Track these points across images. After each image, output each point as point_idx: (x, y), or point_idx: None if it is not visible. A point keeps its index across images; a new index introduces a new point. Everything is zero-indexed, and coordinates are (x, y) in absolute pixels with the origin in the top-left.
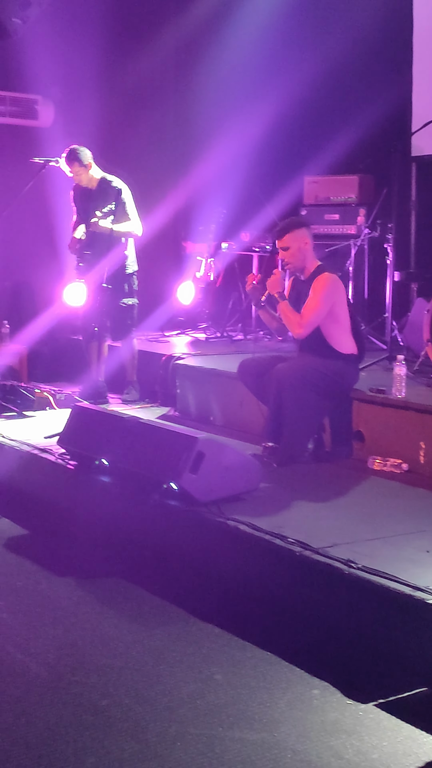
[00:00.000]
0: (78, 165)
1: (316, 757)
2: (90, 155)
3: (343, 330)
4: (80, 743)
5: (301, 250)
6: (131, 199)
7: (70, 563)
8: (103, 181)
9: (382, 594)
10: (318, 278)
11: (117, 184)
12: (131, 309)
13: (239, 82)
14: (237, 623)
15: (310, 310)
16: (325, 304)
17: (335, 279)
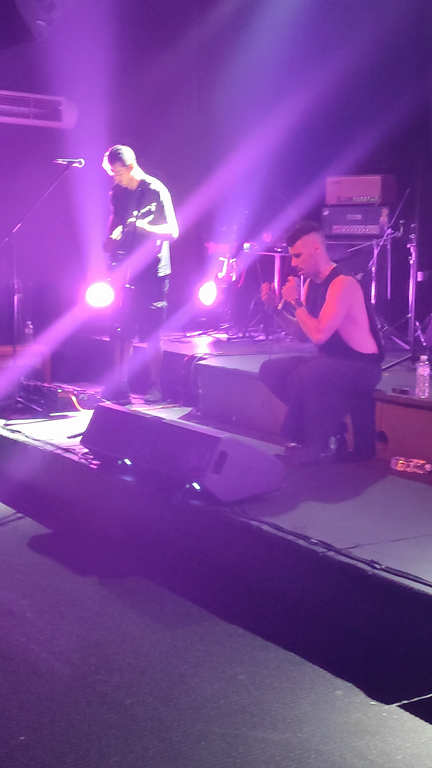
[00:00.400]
0: (120, 165)
1: (339, 757)
2: (133, 156)
3: (363, 330)
4: (104, 742)
5: (312, 256)
6: (170, 202)
7: (93, 563)
8: (143, 183)
9: (405, 595)
10: (333, 282)
11: (156, 187)
12: (160, 312)
13: (262, 83)
14: (260, 623)
15: (328, 315)
16: (342, 307)
17: (351, 281)
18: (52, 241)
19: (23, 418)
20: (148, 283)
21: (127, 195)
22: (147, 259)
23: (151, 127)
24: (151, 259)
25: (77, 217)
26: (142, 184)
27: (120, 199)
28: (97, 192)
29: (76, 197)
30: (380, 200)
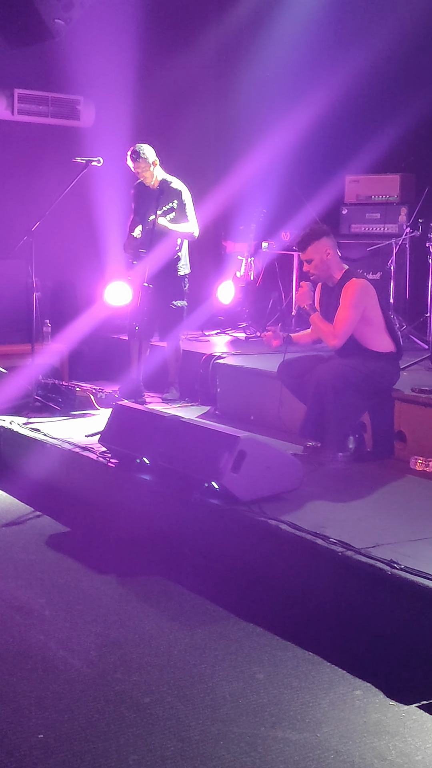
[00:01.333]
0: (144, 162)
1: (359, 758)
2: (154, 153)
3: (378, 330)
4: (123, 740)
5: (324, 261)
6: (191, 201)
7: (111, 561)
8: (164, 182)
9: (424, 595)
10: (346, 286)
11: (177, 186)
12: (181, 311)
13: (280, 82)
14: (278, 623)
15: (342, 321)
16: (356, 312)
17: (363, 283)
18: (71, 240)
19: (41, 416)
20: (168, 281)
21: (148, 194)
22: (166, 257)
23: (169, 126)
24: (171, 257)
25: (96, 215)
26: (163, 183)
27: (141, 198)
28: (115, 191)
29: (94, 196)
30: (399, 199)
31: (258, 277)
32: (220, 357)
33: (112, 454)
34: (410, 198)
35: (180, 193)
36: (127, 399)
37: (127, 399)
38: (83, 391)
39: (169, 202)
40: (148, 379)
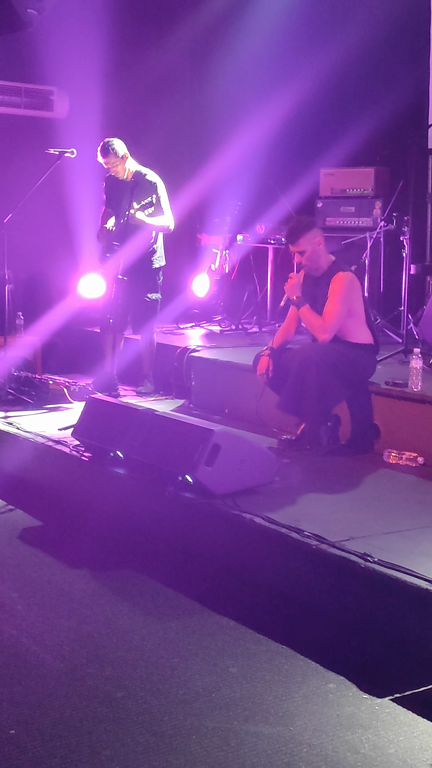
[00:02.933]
0: (114, 157)
1: (331, 751)
2: (125, 147)
3: (359, 322)
4: (95, 735)
5: (315, 252)
6: (165, 194)
7: (84, 555)
8: (138, 174)
9: (398, 588)
10: (335, 279)
11: (152, 178)
12: (155, 304)
13: (255, 74)
14: (252, 616)
15: (333, 315)
16: (346, 305)
17: (351, 277)
18: (44, 232)
19: (14, 409)
20: (143, 274)
21: (121, 186)
22: (141, 250)
23: (144, 118)
24: (146, 250)
25: (69, 207)
26: (137, 175)
27: (114, 190)
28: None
29: (68, 187)
30: (374, 192)
31: (233, 270)
32: (194, 350)
33: (85, 447)
34: (384, 192)
35: (156, 186)
36: (100, 392)
37: (101, 392)
38: (56, 384)
39: (147, 196)
40: (122, 372)
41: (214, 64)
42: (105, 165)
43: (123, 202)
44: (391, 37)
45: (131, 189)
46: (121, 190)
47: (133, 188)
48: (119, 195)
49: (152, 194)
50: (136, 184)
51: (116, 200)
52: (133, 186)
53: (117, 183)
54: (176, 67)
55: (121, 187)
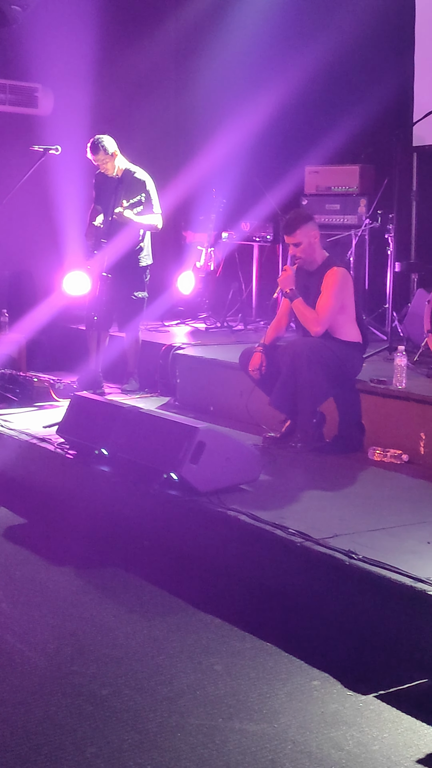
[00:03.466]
0: (103, 154)
1: (316, 748)
2: (115, 144)
3: (349, 319)
4: (80, 733)
5: (311, 245)
6: (155, 192)
7: (69, 553)
8: (127, 171)
9: (382, 585)
10: (329, 273)
11: (141, 176)
12: (141, 302)
13: (240, 71)
14: (237, 614)
15: (326, 309)
16: (338, 300)
17: (345, 272)
18: (29, 229)
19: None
20: (130, 272)
21: (110, 183)
22: (127, 247)
23: (129, 116)
24: (133, 248)
25: (54, 204)
26: (126, 172)
27: (103, 187)
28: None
29: (52, 184)
30: (358, 190)
31: (218, 267)
32: (180, 348)
33: (70, 445)
34: (369, 189)
35: (145, 184)
36: (85, 390)
37: (86, 390)
38: (41, 381)
39: (137, 194)
40: (107, 370)
41: (199, 62)
42: (94, 162)
43: (112, 199)
44: (375, 35)
45: (120, 186)
46: (110, 187)
47: (118, 185)
48: (108, 192)
49: (141, 192)
50: (124, 181)
51: (105, 197)
52: (118, 183)
53: (106, 180)
54: (161, 65)
55: (110, 185)
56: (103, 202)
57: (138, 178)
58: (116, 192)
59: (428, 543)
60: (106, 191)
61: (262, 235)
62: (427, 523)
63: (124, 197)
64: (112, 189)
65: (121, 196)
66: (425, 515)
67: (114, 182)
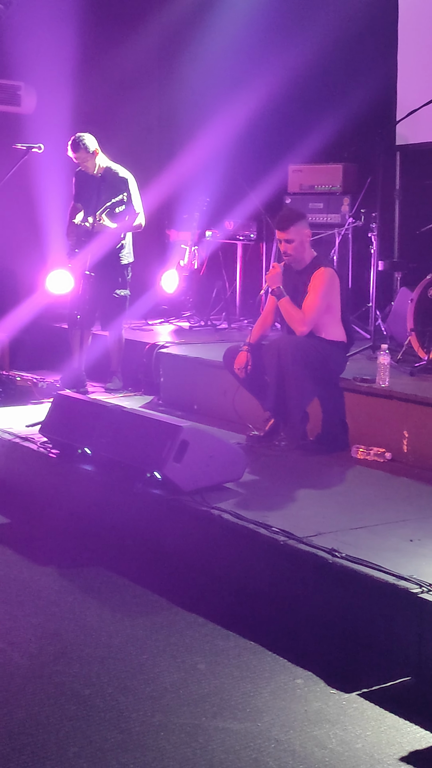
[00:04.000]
0: (84, 152)
1: (299, 746)
2: (95, 142)
3: (334, 319)
4: (62, 733)
5: (302, 243)
6: (137, 190)
7: (51, 552)
8: (108, 170)
9: (365, 583)
10: (317, 273)
11: (124, 174)
12: (123, 300)
13: (224, 70)
14: (220, 612)
15: (313, 309)
16: (325, 300)
17: (333, 274)
18: (11, 227)
19: None
20: (111, 270)
21: (91, 181)
22: (109, 246)
23: (112, 114)
24: (114, 246)
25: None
26: (107, 171)
27: (84, 185)
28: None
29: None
30: (342, 189)
31: (202, 266)
32: (163, 346)
33: (53, 444)
34: (353, 188)
35: (127, 182)
36: (68, 389)
37: (69, 389)
38: (24, 380)
39: (119, 193)
40: (90, 369)
41: (182, 61)
42: (75, 160)
43: (93, 198)
44: (358, 34)
45: (103, 185)
46: (91, 185)
47: (104, 184)
48: (89, 190)
49: (124, 191)
50: (106, 180)
51: (86, 196)
52: (103, 182)
53: (87, 178)
54: (144, 63)
55: (91, 183)
56: (83, 199)
57: (120, 176)
58: (99, 191)
59: (411, 541)
60: (87, 189)
61: (245, 233)
62: (409, 521)
63: (107, 196)
64: (93, 187)
65: (104, 195)
66: (408, 513)
67: (95, 180)
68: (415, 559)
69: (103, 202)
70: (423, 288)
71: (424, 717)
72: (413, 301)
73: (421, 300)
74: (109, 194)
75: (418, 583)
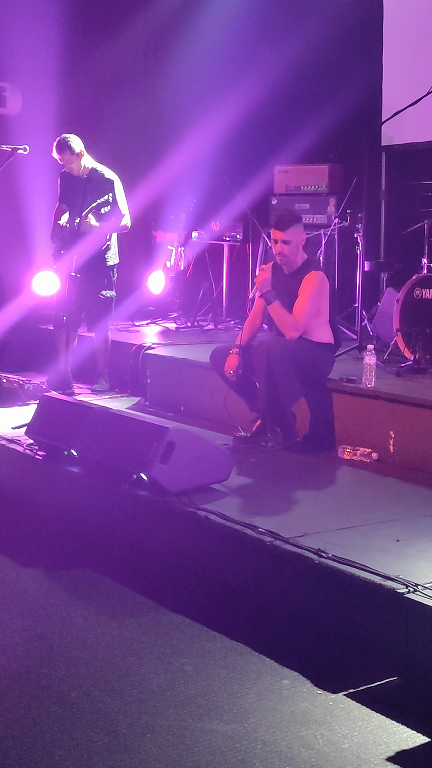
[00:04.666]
0: (69, 153)
1: (286, 747)
2: (81, 144)
3: (323, 322)
4: (49, 735)
5: (298, 245)
6: (122, 192)
7: (38, 554)
8: (94, 171)
9: (352, 583)
10: (308, 277)
11: (109, 175)
12: (109, 301)
13: (210, 71)
14: (206, 614)
15: (304, 313)
16: (315, 304)
17: (323, 277)
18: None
19: None
20: (97, 272)
21: (76, 182)
22: (95, 247)
23: (98, 115)
24: (100, 247)
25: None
26: (92, 172)
27: (69, 186)
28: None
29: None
30: (328, 190)
31: (188, 267)
32: (150, 347)
33: (39, 446)
34: (339, 189)
35: (113, 184)
36: (55, 390)
37: (55, 390)
38: (10, 382)
39: (105, 194)
40: (76, 370)
41: (168, 61)
42: (60, 161)
43: (79, 199)
44: (344, 35)
45: (88, 186)
46: (76, 186)
47: (89, 185)
48: (75, 192)
49: (109, 192)
50: (92, 181)
51: (72, 197)
52: (89, 183)
53: (72, 179)
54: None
55: (76, 184)
56: (69, 201)
57: (106, 178)
58: (84, 192)
59: (397, 541)
60: (73, 191)
61: (232, 234)
62: (396, 521)
63: (92, 197)
64: (79, 188)
65: (90, 197)
66: (394, 513)
67: (81, 182)
68: (402, 559)
69: (89, 203)
70: (409, 288)
71: (410, 717)
72: (399, 301)
73: (407, 300)
74: (94, 195)
75: (404, 583)
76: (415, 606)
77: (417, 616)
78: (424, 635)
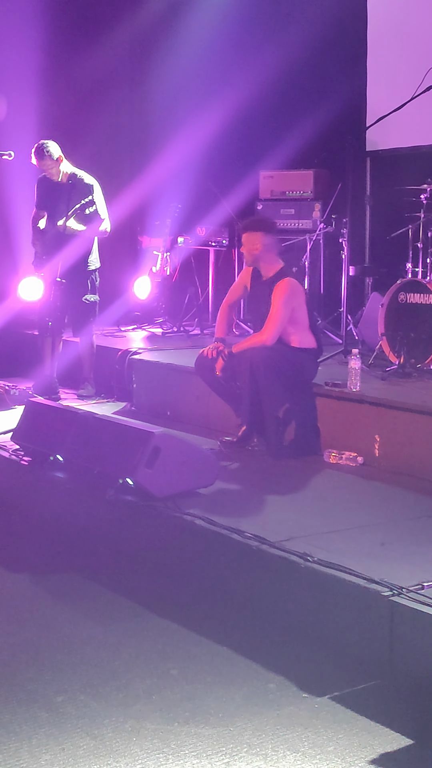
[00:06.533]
0: (49, 159)
1: (271, 750)
2: (59, 149)
3: (302, 328)
4: (35, 740)
5: (267, 252)
6: (102, 197)
7: (24, 560)
8: (73, 176)
9: (337, 587)
10: (278, 285)
11: (89, 180)
12: (93, 306)
13: (195, 77)
14: (193, 618)
15: (274, 322)
16: (287, 311)
17: (294, 283)
18: None
19: None
20: (79, 277)
21: (56, 188)
22: (80, 251)
23: (83, 121)
24: (83, 253)
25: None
26: (72, 177)
27: (48, 192)
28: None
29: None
30: (313, 195)
31: (174, 272)
32: (136, 352)
33: (25, 451)
34: (324, 194)
35: (92, 189)
36: (41, 395)
37: (41, 395)
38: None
39: (82, 197)
40: (62, 375)
41: (153, 66)
42: (39, 167)
43: (61, 204)
44: (328, 40)
45: (67, 191)
46: (56, 192)
47: (69, 191)
48: (55, 197)
49: (89, 196)
50: (72, 186)
51: (51, 202)
52: (69, 188)
53: (52, 185)
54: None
55: (56, 189)
56: (48, 206)
57: (86, 183)
58: (69, 196)
59: (382, 544)
60: (53, 196)
61: (217, 239)
62: (381, 525)
63: (76, 200)
64: (60, 193)
65: (74, 201)
66: (379, 517)
67: (61, 187)
68: (386, 562)
69: (73, 206)
70: (394, 293)
71: (395, 719)
72: (384, 305)
73: (392, 305)
74: (78, 198)
75: (388, 587)
76: (399, 609)
77: (401, 619)
78: (408, 638)
